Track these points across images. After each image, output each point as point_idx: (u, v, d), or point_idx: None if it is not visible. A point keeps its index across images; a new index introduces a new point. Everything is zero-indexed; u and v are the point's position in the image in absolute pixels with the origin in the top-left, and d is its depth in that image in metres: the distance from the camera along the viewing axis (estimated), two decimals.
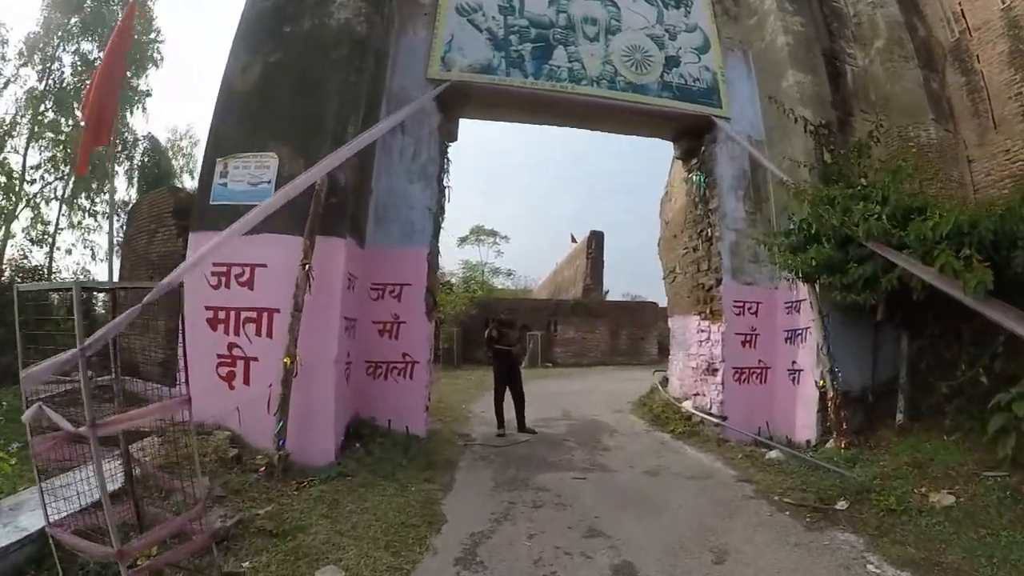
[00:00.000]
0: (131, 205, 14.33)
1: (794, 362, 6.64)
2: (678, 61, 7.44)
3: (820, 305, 6.12)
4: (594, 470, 5.40)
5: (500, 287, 32.62)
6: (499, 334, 7.11)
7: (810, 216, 5.89)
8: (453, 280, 27.02)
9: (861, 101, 8.66)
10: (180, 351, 3.06)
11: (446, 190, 6.47)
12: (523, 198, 79.30)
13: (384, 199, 6.11)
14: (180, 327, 3.30)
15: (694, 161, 7.49)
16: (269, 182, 5.61)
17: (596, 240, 25.08)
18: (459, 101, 6.72)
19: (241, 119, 5.95)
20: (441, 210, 6.38)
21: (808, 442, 6.31)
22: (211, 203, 5.72)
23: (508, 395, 7.24)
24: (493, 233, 34.76)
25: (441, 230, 6.53)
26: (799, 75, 7.54)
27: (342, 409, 5.29)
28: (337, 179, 5.33)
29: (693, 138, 7.46)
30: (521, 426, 7.13)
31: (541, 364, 19.59)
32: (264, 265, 5.31)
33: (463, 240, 34.25)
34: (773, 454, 5.90)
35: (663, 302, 24.55)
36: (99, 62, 18.15)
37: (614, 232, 63.36)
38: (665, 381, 10.11)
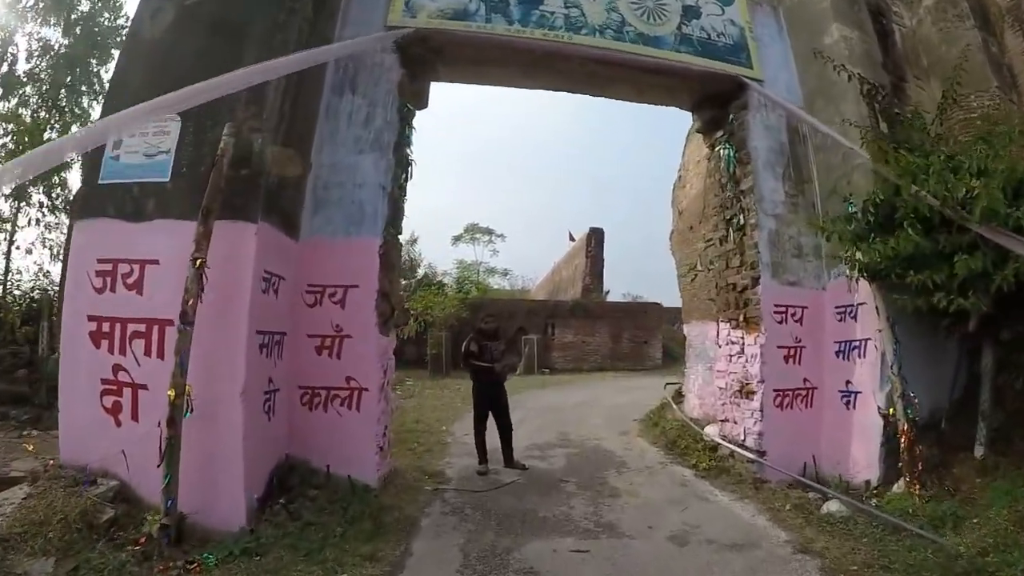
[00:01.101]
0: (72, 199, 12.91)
1: (848, 382, 5.30)
2: (698, 12, 6.08)
3: (889, 311, 4.78)
4: (600, 534, 4.02)
5: (496, 287, 31.24)
6: (479, 348, 5.72)
7: (878, 193, 4.56)
8: (446, 280, 25.67)
9: (913, 66, 7.35)
10: None
11: (409, 166, 5.09)
12: (521, 194, 78.11)
13: (326, 177, 4.75)
14: None
15: (719, 134, 6.13)
16: (168, 152, 4.29)
17: (596, 237, 23.68)
18: (428, 56, 5.37)
19: (145, 75, 4.65)
20: (401, 190, 4.99)
21: (867, 483, 4.99)
22: (99, 182, 4.42)
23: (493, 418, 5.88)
24: (489, 231, 33.38)
25: (403, 215, 5.16)
26: (845, 30, 6.20)
27: (259, 454, 3.94)
28: (249, 143, 3.98)
29: (717, 105, 6.11)
30: (508, 460, 5.77)
31: (538, 370, 18.22)
32: (156, 262, 4.01)
33: (457, 239, 32.93)
34: (832, 506, 4.54)
35: (667, 303, 23.28)
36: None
37: (617, 231, 62.06)
38: (678, 395, 8.77)
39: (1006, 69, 7.51)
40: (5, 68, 15.80)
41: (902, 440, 4.70)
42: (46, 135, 16.12)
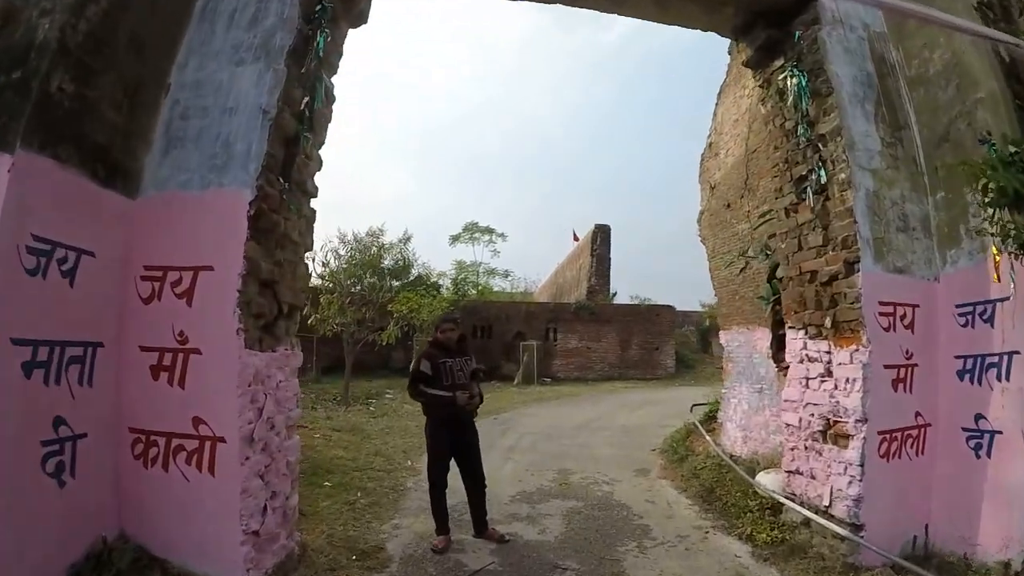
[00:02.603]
0: None
1: (980, 417, 3.55)
2: None
3: None
4: None
5: (497, 289, 29.50)
6: (434, 367, 3.93)
7: None
8: (443, 282, 23.95)
9: None
10: None
11: (319, 87, 3.35)
12: (522, 194, 76.60)
13: (187, 101, 3.07)
14: None
15: (779, 62, 4.41)
16: None
17: (602, 235, 21.89)
18: None
19: None
20: (302, 122, 3.22)
21: (1007, 566, 3.29)
22: None
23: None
24: (489, 231, 31.73)
25: (314, 165, 3.43)
26: None
27: (33, 542, 2.25)
28: (32, 31, 2.31)
29: (773, 24, 4.38)
30: (480, 526, 4.04)
31: (537, 380, 16.46)
32: None
33: (455, 238, 31.32)
34: None
35: (680, 306, 21.44)
36: None
37: (620, 233, 60.16)
38: (709, 420, 7.02)
39: None
40: None
41: None
42: None
